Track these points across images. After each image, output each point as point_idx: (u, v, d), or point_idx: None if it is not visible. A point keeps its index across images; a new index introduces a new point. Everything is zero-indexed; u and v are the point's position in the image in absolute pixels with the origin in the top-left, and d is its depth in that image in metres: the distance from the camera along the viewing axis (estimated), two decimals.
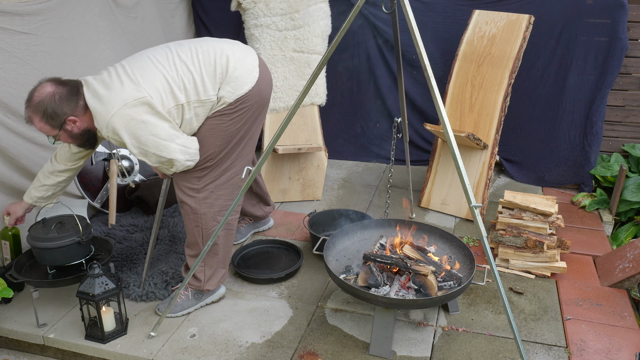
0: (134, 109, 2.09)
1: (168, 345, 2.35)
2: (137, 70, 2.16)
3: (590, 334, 2.40)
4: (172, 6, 4.05)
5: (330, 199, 3.71)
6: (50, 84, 2.12)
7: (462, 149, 3.39)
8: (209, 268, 2.50)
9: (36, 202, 2.54)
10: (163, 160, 2.22)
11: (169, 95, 2.17)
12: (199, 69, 2.22)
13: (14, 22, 2.76)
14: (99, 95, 2.11)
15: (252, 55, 2.37)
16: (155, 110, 2.12)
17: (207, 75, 2.23)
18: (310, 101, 3.63)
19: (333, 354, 2.29)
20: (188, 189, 2.36)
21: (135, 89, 2.10)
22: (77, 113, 2.15)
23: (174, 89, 2.18)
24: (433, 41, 3.78)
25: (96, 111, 2.11)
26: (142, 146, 2.15)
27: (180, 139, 2.21)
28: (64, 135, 2.20)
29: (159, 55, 2.22)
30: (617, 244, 3.33)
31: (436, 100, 1.84)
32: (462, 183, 1.84)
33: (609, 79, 3.49)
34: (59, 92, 2.10)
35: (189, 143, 2.24)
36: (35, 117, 2.13)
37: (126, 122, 2.10)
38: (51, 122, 2.13)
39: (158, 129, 2.14)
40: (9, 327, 2.47)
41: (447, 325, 2.46)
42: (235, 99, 2.28)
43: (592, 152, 3.63)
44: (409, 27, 1.86)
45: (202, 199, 2.37)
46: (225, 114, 2.29)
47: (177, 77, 2.19)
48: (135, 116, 2.09)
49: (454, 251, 2.55)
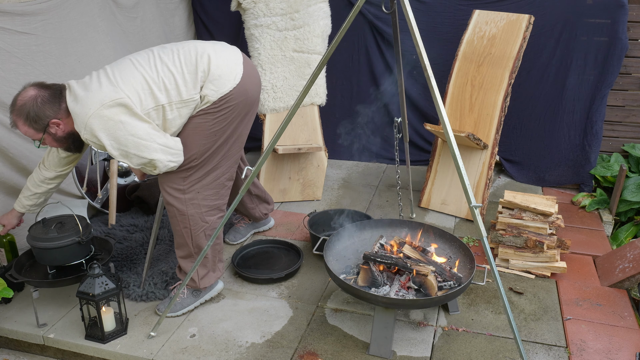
0: (110, 110, 2.08)
1: (168, 345, 2.35)
2: (118, 72, 2.17)
3: (590, 334, 2.40)
4: (172, 6, 4.05)
5: (330, 199, 3.71)
6: (33, 88, 2.14)
7: (462, 149, 3.39)
8: (202, 267, 2.51)
9: (29, 210, 2.55)
10: (145, 162, 2.20)
11: (149, 96, 2.17)
12: (180, 69, 2.22)
13: (14, 22, 2.77)
14: (77, 97, 2.12)
15: (235, 54, 2.36)
16: (133, 111, 2.12)
17: (188, 75, 2.22)
18: (310, 101, 3.63)
19: (333, 354, 2.29)
20: (173, 190, 2.35)
21: (112, 90, 2.10)
22: (59, 116, 2.15)
23: (154, 90, 2.17)
24: (433, 41, 3.78)
25: (75, 113, 2.11)
26: (122, 147, 2.14)
27: (161, 139, 2.20)
28: (48, 138, 2.20)
29: (141, 58, 2.23)
30: (617, 244, 3.33)
31: (436, 100, 1.84)
32: (462, 183, 1.84)
33: (609, 79, 3.49)
34: (41, 95, 2.11)
35: (171, 143, 2.23)
36: (19, 121, 2.14)
37: (104, 123, 2.09)
38: (34, 126, 2.13)
39: (137, 128, 2.13)
40: (9, 327, 2.47)
41: (447, 325, 2.46)
42: (219, 98, 2.27)
43: (592, 152, 3.63)
44: (409, 27, 1.86)
45: (188, 200, 2.36)
46: (210, 112, 2.28)
47: (158, 77, 2.18)
48: (112, 117, 2.09)
49: (454, 251, 2.55)
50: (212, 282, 2.56)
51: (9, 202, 2.83)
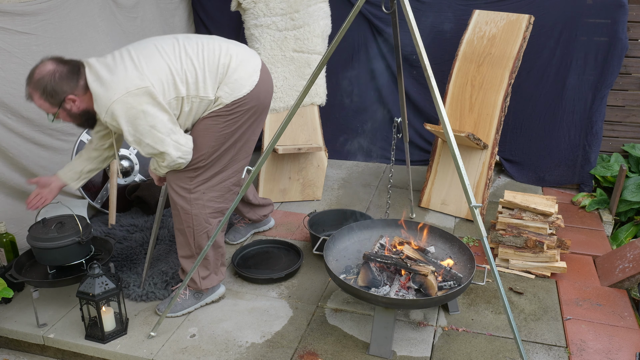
0: (135, 98, 2.09)
1: (168, 345, 2.35)
2: (143, 57, 2.17)
3: (590, 334, 2.40)
4: (172, 6, 4.05)
5: (330, 199, 3.71)
6: (52, 62, 2.13)
7: (462, 149, 3.39)
8: (203, 269, 2.51)
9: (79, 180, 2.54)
10: (155, 152, 2.22)
11: (171, 87, 2.18)
12: (202, 66, 2.23)
13: (14, 22, 2.77)
14: (101, 79, 2.11)
15: (255, 59, 2.38)
16: (157, 100, 2.13)
17: (209, 73, 2.24)
18: (310, 101, 3.63)
19: (333, 354, 2.29)
20: (180, 189, 2.36)
21: (138, 77, 2.11)
22: (76, 92, 2.15)
23: (177, 81, 2.18)
24: (433, 41, 3.78)
25: (97, 95, 2.11)
26: (139, 135, 2.16)
27: (176, 135, 2.21)
28: (62, 113, 2.20)
29: (166, 46, 2.23)
30: (617, 244, 3.33)
31: (436, 100, 1.84)
32: (462, 183, 1.84)
33: (609, 79, 3.49)
34: (60, 70, 2.11)
35: (183, 140, 2.24)
36: (35, 94, 2.14)
37: (126, 110, 2.10)
38: (50, 100, 2.13)
39: (157, 120, 2.15)
40: (9, 327, 2.47)
41: (447, 325, 2.46)
42: (232, 101, 2.28)
43: (592, 152, 3.63)
44: (409, 27, 1.86)
45: (193, 200, 2.37)
46: (221, 115, 2.29)
47: (181, 70, 2.20)
48: (136, 105, 2.10)
49: (454, 251, 2.55)
50: (214, 284, 2.56)
51: (9, 202, 2.83)
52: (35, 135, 2.95)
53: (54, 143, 3.08)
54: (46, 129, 3.02)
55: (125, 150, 3.39)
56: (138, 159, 3.46)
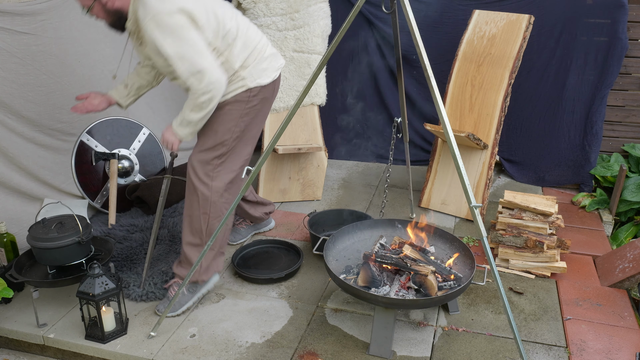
0: (183, 15, 2.12)
1: (168, 345, 2.35)
2: None
3: (590, 334, 2.40)
4: None
5: (330, 199, 3.71)
6: None
7: (462, 149, 3.39)
8: (206, 259, 2.51)
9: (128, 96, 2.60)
10: (194, 71, 2.17)
11: (216, 33, 2.24)
12: (243, 38, 2.32)
13: (14, 22, 2.77)
14: None
15: (281, 58, 2.53)
16: (202, 28, 2.18)
17: (243, 49, 2.33)
18: (310, 101, 3.63)
19: (333, 354, 2.29)
20: (205, 176, 2.41)
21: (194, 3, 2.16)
22: None
23: (221, 33, 2.25)
24: (433, 41, 3.78)
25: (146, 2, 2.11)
26: (182, 48, 2.15)
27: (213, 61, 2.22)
28: (97, 6, 2.21)
29: (226, 4, 2.35)
30: (617, 244, 3.33)
31: (436, 100, 1.84)
32: (462, 183, 1.84)
33: (609, 79, 3.49)
34: None
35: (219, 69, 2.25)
36: None
37: (174, 23, 2.11)
38: None
39: (198, 39, 2.17)
40: (9, 327, 2.47)
41: (447, 325, 2.46)
42: (253, 87, 2.36)
43: (592, 152, 3.63)
44: (409, 27, 1.86)
45: (214, 187, 2.42)
46: (241, 101, 2.36)
47: (226, 27, 2.26)
48: (183, 24, 2.12)
49: (454, 251, 2.55)
50: (210, 275, 2.57)
51: (9, 202, 2.83)
52: (35, 135, 2.95)
53: (54, 143, 3.08)
54: (46, 129, 3.02)
55: (125, 150, 3.39)
56: (138, 159, 3.46)
